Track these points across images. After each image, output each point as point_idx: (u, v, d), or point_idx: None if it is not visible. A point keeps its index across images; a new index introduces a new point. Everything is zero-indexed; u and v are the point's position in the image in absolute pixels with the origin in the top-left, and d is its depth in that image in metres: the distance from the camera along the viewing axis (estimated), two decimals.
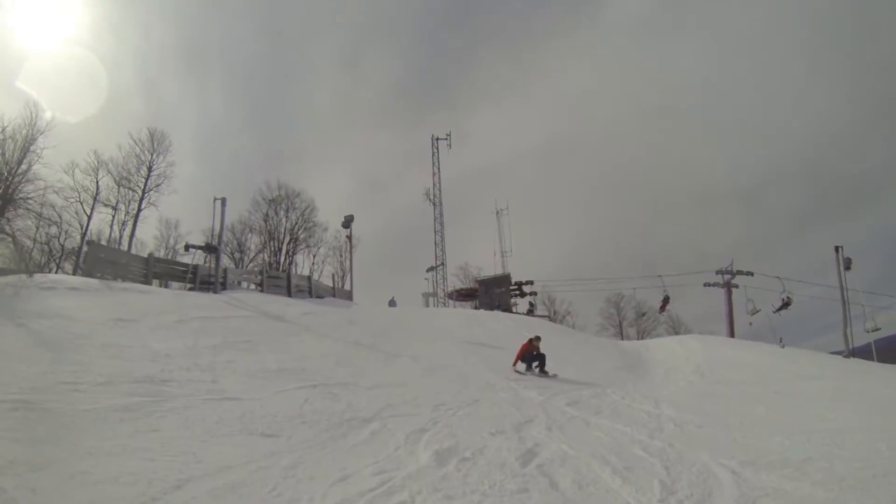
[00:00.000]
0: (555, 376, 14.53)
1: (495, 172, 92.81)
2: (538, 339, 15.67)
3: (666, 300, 38.59)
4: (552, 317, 48.51)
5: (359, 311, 23.89)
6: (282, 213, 46.72)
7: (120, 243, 38.50)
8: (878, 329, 35.64)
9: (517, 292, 43.99)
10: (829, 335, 38.64)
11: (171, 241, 43.86)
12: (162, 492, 4.66)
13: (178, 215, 50.85)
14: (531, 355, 15.16)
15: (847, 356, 31.13)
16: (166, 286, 24.61)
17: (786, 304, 35.52)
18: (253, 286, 26.88)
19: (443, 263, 47.23)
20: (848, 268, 35.98)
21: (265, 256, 45.84)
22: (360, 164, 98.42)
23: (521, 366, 15.03)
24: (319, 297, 28.20)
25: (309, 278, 31.09)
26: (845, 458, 7.06)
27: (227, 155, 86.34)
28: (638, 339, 43.31)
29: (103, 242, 35.46)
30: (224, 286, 24.26)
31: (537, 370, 14.85)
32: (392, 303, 35.29)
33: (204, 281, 24.20)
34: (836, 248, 36.54)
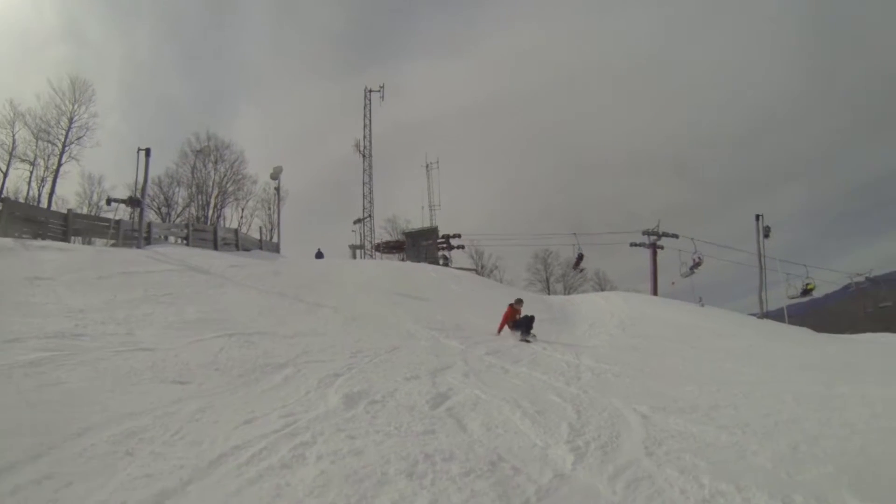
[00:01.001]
0: (534, 336, 14.12)
1: (429, 127, 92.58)
2: (520, 302, 15.40)
3: (580, 258, 39.85)
4: (480, 270, 48.91)
5: (285, 264, 23.61)
6: (210, 165, 45.63)
7: (39, 201, 36.65)
8: (797, 296, 37.97)
9: (444, 245, 44.35)
10: (750, 297, 40.41)
11: (95, 198, 42.02)
12: (61, 439, 4.53)
13: (101, 170, 49.44)
14: (524, 320, 14.50)
15: (761, 317, 32.74)
16: (90, 244, 23.67)
17: (697, 265, 37.15)
18: (179, 241, 26.15)
19: (370, 216, 47.18)
20: (767, 235, 37.96)
21: (193, 210, 44.63)
22: (294, 114, 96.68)
23: (515, 334, 14.22)
24: (246, 250, 27.69)
25: (236, 231, 30.50)
26: (752, 407, 7.36)
27: (155, 105, 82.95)
28: (565, 294, 44.24)
29: (20, 200, 33.74)
30: (148, 241, 23.46)
31: (532, 338, 13.98)
32: (319, 255, 34.94)
33: (127, 236, 23.34)
34: (757, 217, 38.44)
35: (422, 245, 43.62)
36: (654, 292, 37.84)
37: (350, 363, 8.67)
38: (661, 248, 39.88)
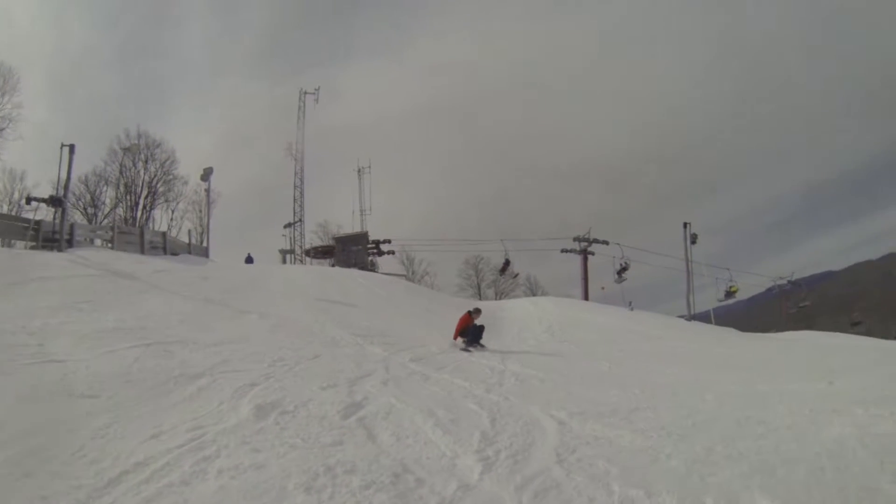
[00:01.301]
0: (484, 347, 14.09)
1: (364, 131, 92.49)
2: (478, 311, 15.24)
3: (506, 263, 40.71)
4: (410, 276, 48.95)
5: (214, 269, 23.07)
6: (140, 164, 43.92)
7: None
8: (723, 299, 39.89)
9: (374, 251, 44.04)
10: (679, 301, 41.95)
11: (17, 196, 39.59)
12: None
13: (24, 166, 47.32)
14: (474, 329, 14.47)
15: (689, 320, 33.94)
16: (10, 246, 22.43)
17: (624, 269, 38.36)
18: (105, 244, 24.90)
19: (301, 220, 46.81)
20: (694, 242, 39.89)
21: (121, 211, 42.87)
22: (229, 114, 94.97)
23: (460, 341, 14.19)
24: (175, 254, 26.75)
25: (164, 234, 29.31)
26: (672, 408, 7.53)
27: (85, 98, 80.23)
28: (496, 299, 44.58)
29: None
30: (71, 244, 22.11)
31: (479, 348, 13.98)
32: (249, 259, 34.43)
33: (48, 238, 21.86)
34: (685, 224, 40.33)
35: (352, 250, 43.08)
36: (586, 297, 38.64)
37: (269, 372, 8.57)
38: (593, 254, 40.89)
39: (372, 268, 41.45)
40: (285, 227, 46.56)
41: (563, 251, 41.36)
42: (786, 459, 5.11)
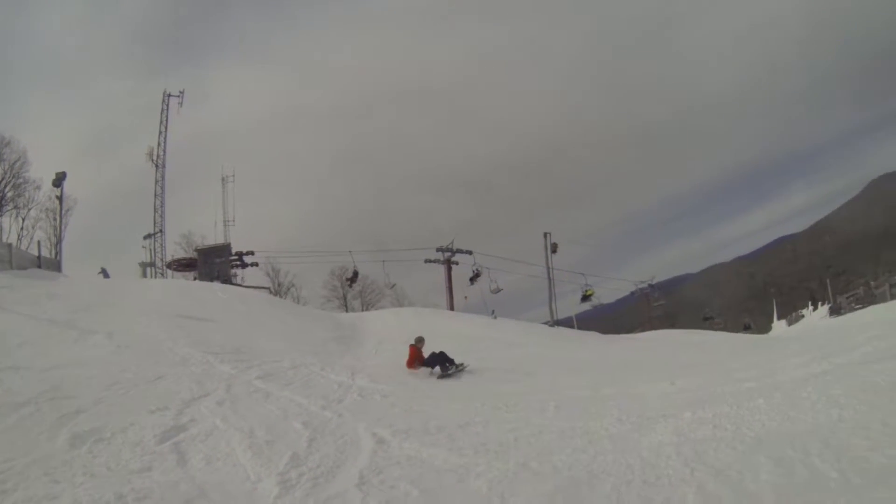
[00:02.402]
0: (461, 366, 13.77)
1: (232, 137, 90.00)
2: (421, 340, 14.86)
3: (355, 275, 41.44)
4: (276, 289, 47.94)
5: (65, 284, 21.92)
6: None
7: None
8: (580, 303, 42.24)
9: (238, 263, 43.06)
10: (544, 308, 43.68)
11: None
12: None
13: None
14: (437, 357, 13.92)
15: (552, 325, 35.54)
16: None
17: (476, 276, 39.69)
18: None
19: (161, 231, 44.70)
20: (554, 251, 42.01)
21: None
22: (89, 114, 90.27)
23: (434, 371, 13.74)
24: (22, 268, 24.56)
25: (10, 247, 26.95)
26: (505, 421, 7.87)
27: None
28: (362, 311, 44.60)
29: None
30: None
31: (453, 369, 13.63)
32: (104, 273, 32.71)
33: None
34: (545, 234, 42.53)
35: (214, 263, 42.03)
36: (451, 307, 39.34)
37: (101, 397, 8.43)
38: (456, 263, 41.84)
39: (231, 281, 40.48)
40: (145, 238, 44.37)
41: (426, 261, 42.22)
42: (595, 474, 5.23)
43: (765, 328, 68.84)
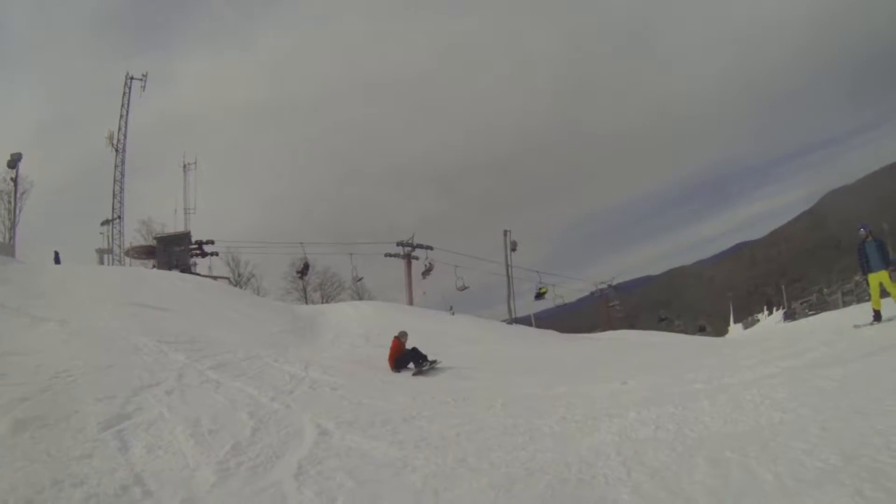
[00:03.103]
0: (434, 362, 13.80)
1: (197, 123, 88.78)
2: (405, 334, 14.78)
3: (305, 267, 41.72)
4: (236, 279, 47.64)
5: (18, 270, 21.17)
6: None
7: None
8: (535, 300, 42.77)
9: (198, 252, 42.88)
10: (504, 305, 44.21)
11: None
12: None
13: None
14: (409, 354, 14.01)
15: (510, 323, 35.93)
16: None
17: (429, 270, 40.06)
18: None
19: (120, 217, 44.25)
20: (514, 249, 42.52)
21: None
22: (50, 92, 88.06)
23: (412, 367, 13.73)
24: None
25: None
26: (451, 416, 8.05)
27: None
28: (322, 304, 44.38)
29: None
30: None
31: (427, 365, 13.65)
32: (56, 259, 31.83)
33: None
34: (505, 232, 43.01)
35: (174, 251, 41.61)
36: (410, 302, 39.54)
37: (47, 385, 8.29)
38: (416, 258, 42.09)
39: (194, 270, 40.16)
40: (103, 224, 43.93)
41: (386, 255, 42.48)
42: (532, 471, 5.31)
43: (722, 331, 70.52)
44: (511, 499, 4.71)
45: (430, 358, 13.86)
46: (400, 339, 14.55)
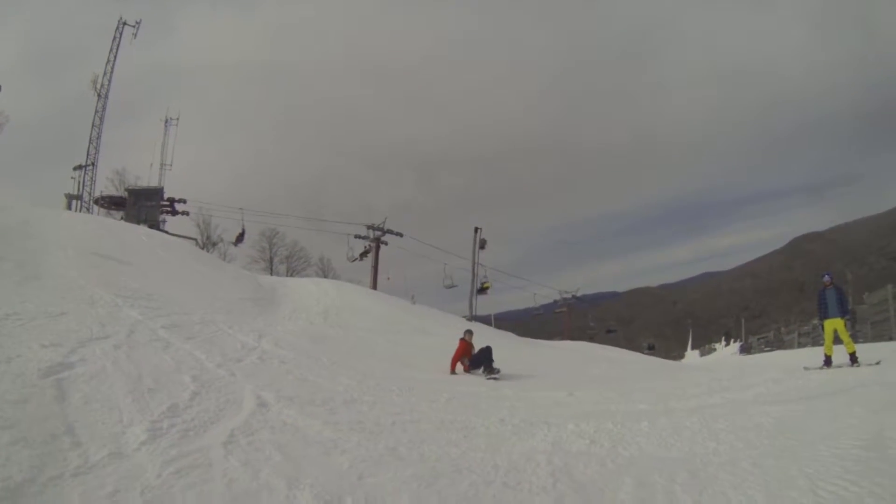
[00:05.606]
0: (498, 372, 12.78)
1: (187, 78, 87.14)
2: (470, 333, 14.12)
3: (240, 234, 41.92)
4: (203, 242, 47.17)
5: None
6: None
7: None
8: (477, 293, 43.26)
9: (168, 209, 42.55)
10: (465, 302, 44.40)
11: None
12: None
13: None
14: (482, 355, 13.24)
15: (470, 319, 36.20)
16: None
17: (365, 253, 40.47)
18: None
19: (94, 164, 43.52)
20: (483, 247, 42.84)
21: None
22: (36, 24, 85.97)
23: (476, 372, 13.12)
24: None
25: None
26: (392, 404, 8.12)
27: None
28: (287, 276, 44.45)
29: None
30: None
31: (497, 373, 12.71)
32: None
33: None
34: (476, 229, 43.37)
35: (144, 205, 41.24)
36: (374, 286, 39.52)
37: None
38: (385, 243, 42.15)
39: (162, 227, 39.62)
40: (75, 169, 42.95)
41: (356, 237, 42.51)
42: (460, 469, 5.31)
43: (676, 356, 71.62)
44: (432, 493, 4.70)
45: (495, 366, 12.98)
46: (467, 340, 13.81)
